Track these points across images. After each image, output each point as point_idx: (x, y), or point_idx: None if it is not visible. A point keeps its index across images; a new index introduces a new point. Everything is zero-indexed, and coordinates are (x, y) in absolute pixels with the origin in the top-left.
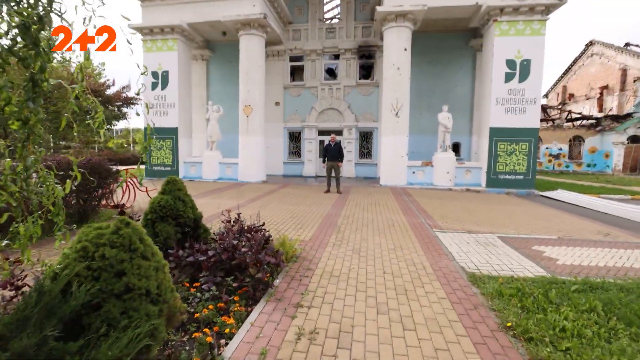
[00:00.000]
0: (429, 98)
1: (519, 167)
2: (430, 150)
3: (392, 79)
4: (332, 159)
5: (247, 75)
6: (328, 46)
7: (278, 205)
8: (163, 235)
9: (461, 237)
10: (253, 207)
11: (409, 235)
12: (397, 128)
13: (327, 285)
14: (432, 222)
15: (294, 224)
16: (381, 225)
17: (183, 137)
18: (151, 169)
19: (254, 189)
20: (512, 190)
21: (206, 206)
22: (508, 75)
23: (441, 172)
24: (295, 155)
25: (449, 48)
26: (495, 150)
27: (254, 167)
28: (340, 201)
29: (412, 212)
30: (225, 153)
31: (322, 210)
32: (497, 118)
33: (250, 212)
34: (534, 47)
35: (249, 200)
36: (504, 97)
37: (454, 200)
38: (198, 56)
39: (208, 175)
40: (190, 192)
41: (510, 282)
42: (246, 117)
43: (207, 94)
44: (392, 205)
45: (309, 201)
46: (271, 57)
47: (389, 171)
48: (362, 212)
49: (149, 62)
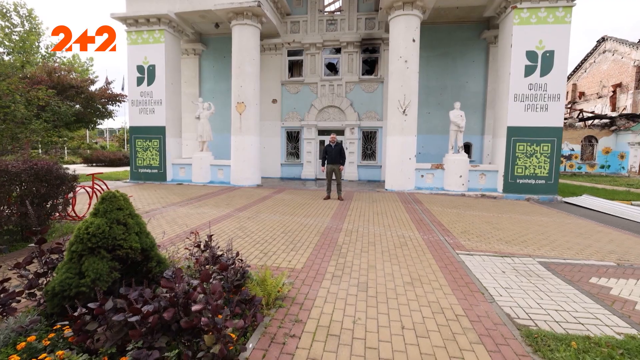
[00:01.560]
0: (437, 95)
1: (540, 171)
2: (439, 151)
3: (399, 73)
4: (333, 161)
5: (240, 69)
6: (329, 39)
7: (269, 216)
8: (91, 276)
9: (493, 262)
10: (240, 218)
11: (428, 260)
12: (404, 127)
13: (322, 353)
14: (453, 240)
15: (286, 242)
16: (391, 244)
17: (171, 137)
18: (137, 171)
19: (246, 194)
20: (532, 196)
21: (184, 218)
22: (528, 69)
23: (453, 175)
24: (294, 157)
25: (460, 41)
26: (513, 152)
27: (248, 169)
28: (342, 210)
29: (426, 225)
30: (219, 154)
31: (320, 222)
32: (515, 116)
33: (234, 225)
34: (558, 37)
35: (237, 209)
36: (523, 93)
37: (470, 209)
38: (189, 50)
39: (198, 179)
40: (175, 198)
41: (588, 346)
42: (239, 115)
43: (199, 91)
44: (402, 216)
45: (306, 210)
46: (267, 50)
47: (395, 175)
48: (367, 226)
49: (134, 56)
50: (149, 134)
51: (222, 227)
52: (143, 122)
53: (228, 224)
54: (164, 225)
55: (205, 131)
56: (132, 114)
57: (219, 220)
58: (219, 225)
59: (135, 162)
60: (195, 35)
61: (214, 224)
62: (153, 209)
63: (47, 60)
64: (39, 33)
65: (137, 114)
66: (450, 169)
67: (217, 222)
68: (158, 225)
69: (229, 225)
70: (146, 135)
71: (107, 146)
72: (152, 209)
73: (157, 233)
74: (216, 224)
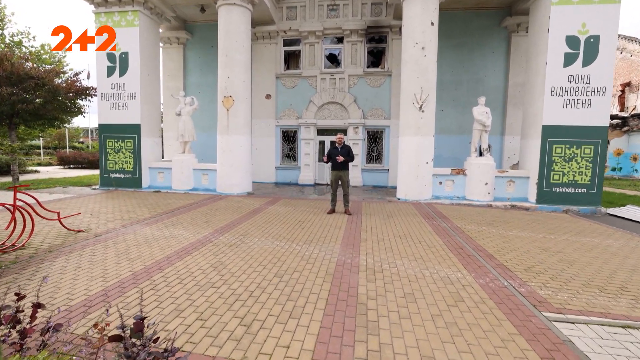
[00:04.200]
0: (452, 90)
1: (580, 178)
2: (453, 154)
3: (415, 62)
4: (339, 167)
5: (228, 57)
6: (330, 27)
7: (259, 242)
8: None
9: (618, 341)
10: (219, 246)
11: (513, 338)
12: (420, 126)
13: None
14: (525, 288)
15: (281, 296)
16: (439, 298)
17: (148, 137)
18: (107, 176)
19: (233, 206)
20: (571, 208)
21: (143, 246)
22: (568, 57)
23: (477, 182)
24: (290, 159)
25: (478, 29)
26: (549, 156)
27: (236, 175)
28: (353, 231)
29: (471, 256)
30: (207, 157)
31: (328, 253)
32: (552, 113)
33: (208, 260)
34: (605, 19)
35: (217, 231)
36: (562, 86)
37: (510, 227)
38: (172, 39)
39: (179, 185)
40: (144, 211)
41: None
42: (226, 111)
43: (183, 85)
44: (432, 241)
45: (307, 231)
46: (260, 39)
47: (409, 182)
48: (392, 259)
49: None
50: (122, 132)
51: (189, 264)
52: (114, 119)
53: (200, 258)
54: (107, 261)
55: (188, 130)
56: (101, 110)
57: (189, 249)
58: (185, 260)
59: (106, 165)
60: (179, 22)
61: (179, 258)
62: (107, 231)
63: (11, 49)
64: (1, 19)
65: (107, 110)
66: (473, 174)
67: (185, 254)
68: (100, 261)
69: (201, 261)
70: (118, 134)
71: (89, 146)
72: (107, 229)
73: (76, 288)
74: (183, 258)
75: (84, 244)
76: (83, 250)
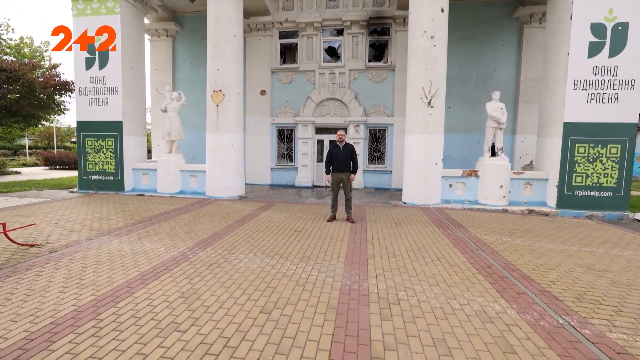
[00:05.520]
0: (459, 86)
1: (606, 180)
2: (461, 154)
3: (424, 52)
4: (341, 168)
5: (217, 48)
6: (329, 18)
7: (246, 260)
8: None
9: None
10: (196, 265)
11: None
12: (429, 123)
13: None
14: (588, 328)
15: (263, 347)
16: (480, 347)
17: (131, 135)
18: (87, 178)
19: (220, 212)
20: (595, 213)
21: (104, 266)
22: (593, 47)
23: (491, 185)
24: (287, 160)
25: (488, 21)
26: (571, 156)
27: (227, 177)
28: (358, 243)
29: (504, 278)
30: (197, 158)
31: (329, 276)
32: (575, 109)
33: (179, 287)
34: (634, 5)
35: (198, 244)
36: (586, 79)
37: (536, 237)
38: (160, 31)
39: (165, 188)
40: (119, 219)
41: None
42: (215, 106)
43: (172, 80)
44: (452, 256)
45: (303, 245)
46: (255, 31)
47: (417, 184)
48: (409, 283)
49: (82, 31)
50: (102, 130)
51: (154, 292)
52: (94, 116)
53: (169, 284)
54: (50, 289)
55: (174, 127)
56: (79, 106)
57: (158, 270)
58: (150, 287)
59: (85, 166)
60: (167, 12)
61: (144, 284)
62: (67, 244)
63: None
64: None
65: (86, 106)
66: (487, 176)
67: (152, 277)
68: (40, 289)
69: (170, 288)
70: (98, 132)
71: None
72: (68, 243)
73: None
74: (148, 283)
75: (32, 263)
76: (26, 273)
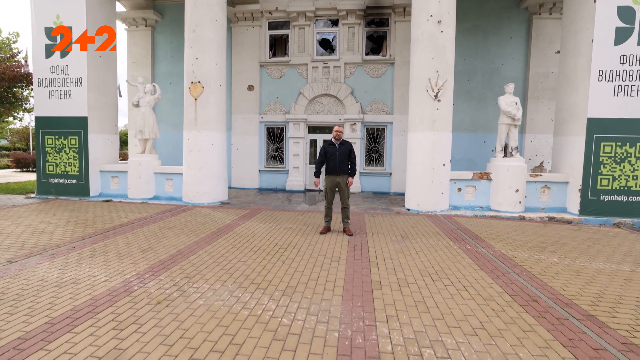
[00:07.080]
0: (464, 81)
1: (635, 183)
2: (466, 154)
3: (430, 39)
4: (337, 170)
5: (196, 34)
6: (323, 7)
7: (207, 295)
8: None
9: None
10: (133, 304)
11: None
12: (437, 119)
13: None
14: None
15: None
16: None
17: (98, 133)
18: (46, 182)
19: (195, 222)
20: (624, 220)
21: (2, 306)
22: (620, 33)
23: (505, 189)
24: (276, 161)
25: (494, 11)
26: (596, 156)
27: (206, 181)
28: (358, 266)
29: (562, 320)
30: (178, 160)
31: (320, 321)
32: (601, 103)
33: (92, 348)
34: None
35: (151, 268)
36: (612, 69)
37: (570, 252)
38: (139, 20)
39: (136, 193)
40: (66, 232)
41: None
42: (193, 100)
43: (152, 74)
44: (482, 283)
45: (288, 268)
46: (241, 21)
47: (422, 189)
48: (433, 331)
49: (41, 13)
50: (64, 127)
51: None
52: (55, 111)
53: (84, 342)
54: None
55: (148, 125)
56: (38, 99)
57: (79, 315)
58: (53, 349)
59: (45, 168)
60: (147, 0)
61: (46, 342)
62: None
63: None
64: None
65: (45, 99)
66: (500, 179)
67: (65, 328)
68: None
69: (82, 348)
70: (59, 129)
71: None
72: None
73: None
74: (54, 339)
75: None
76: None
